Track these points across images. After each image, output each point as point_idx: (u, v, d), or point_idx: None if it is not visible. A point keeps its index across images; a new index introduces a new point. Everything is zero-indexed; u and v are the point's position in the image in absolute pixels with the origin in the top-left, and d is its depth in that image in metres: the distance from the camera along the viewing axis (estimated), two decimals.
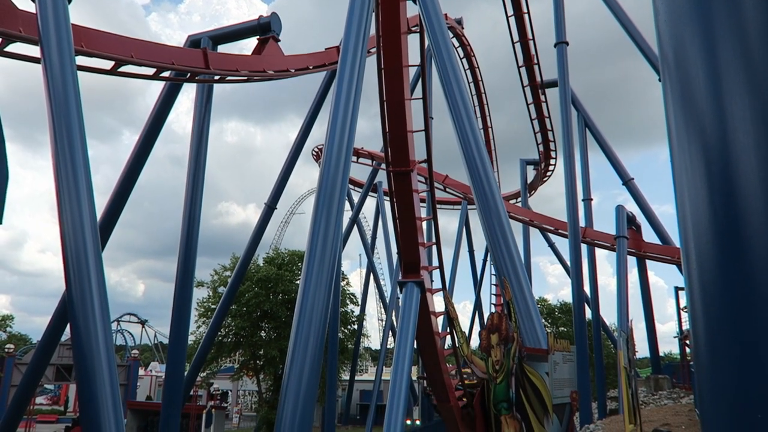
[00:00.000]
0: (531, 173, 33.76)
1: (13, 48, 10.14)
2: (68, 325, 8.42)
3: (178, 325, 14.39)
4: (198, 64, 13.23)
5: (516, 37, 26.20)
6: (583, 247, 22.97)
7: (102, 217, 13.11)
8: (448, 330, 13.47)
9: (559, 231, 26.90)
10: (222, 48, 15.17)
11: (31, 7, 8.65)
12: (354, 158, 26.87)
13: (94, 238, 7.16)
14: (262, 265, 32.04)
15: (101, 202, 15.26)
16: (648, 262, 26.03)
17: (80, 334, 6.54)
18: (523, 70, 27.07)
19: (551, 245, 33.13)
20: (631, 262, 24.67)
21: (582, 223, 22.76)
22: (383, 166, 16.32)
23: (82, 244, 7.08)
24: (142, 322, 68.29)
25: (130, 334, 66.39)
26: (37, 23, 7.92)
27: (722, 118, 1.63)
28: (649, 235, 25.20)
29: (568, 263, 22.89)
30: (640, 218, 24.97)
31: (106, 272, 7.41)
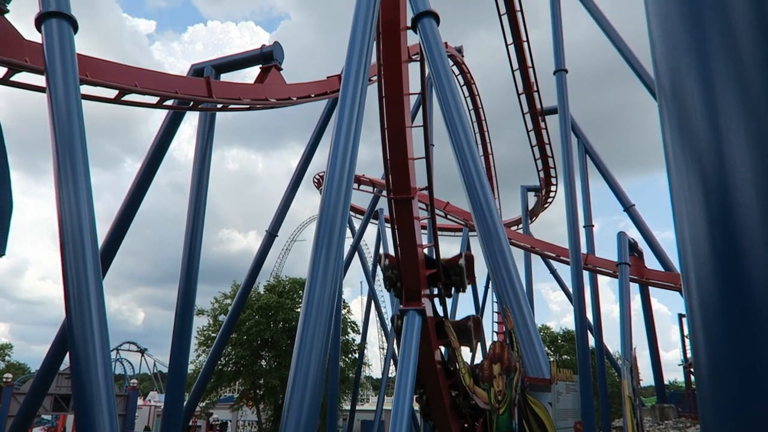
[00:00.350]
0: (532, 199, 33.81)
1: (18, 77, 10.28)
2: (67, 354, 8.36)
3: (178, 353, 14.27)
4: (201, 92, 13.38)
5: (515, 65, 26.53)
6: (585, 274, 22.87)
7: (103, 245, 13.11)
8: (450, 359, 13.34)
9: (561, 258, 26.82)
10: (225, 76, 15.35)
11: (38, 37, 8.79)
12: (355, 185, 26.97)
13: (96, 266, 7.15)
14: (262, 292, 31.91)
15: (103, 230, 15.29)
16: (651, 289, 25.89)
17: (79, 363, 6.48)
18: (523, 97, 27.34)
19: (553, 272, 32.98)
20: (634, 288, 24.56)
21: (584, 249, 22.70)
22: (384, 193, 16.37)
23: (83, 272, 7.06)
24: (142, 351, 67.77)
25: (129, 363, 65.80)
26: (43, 53, 8.04)
27: (719, 148, 1.64)
28: (651, 262, 25.13)
29: (570, 290, 22.75)
30: (642, 244, 24.92)
31: (106, 300, 7.38)
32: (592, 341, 23.57)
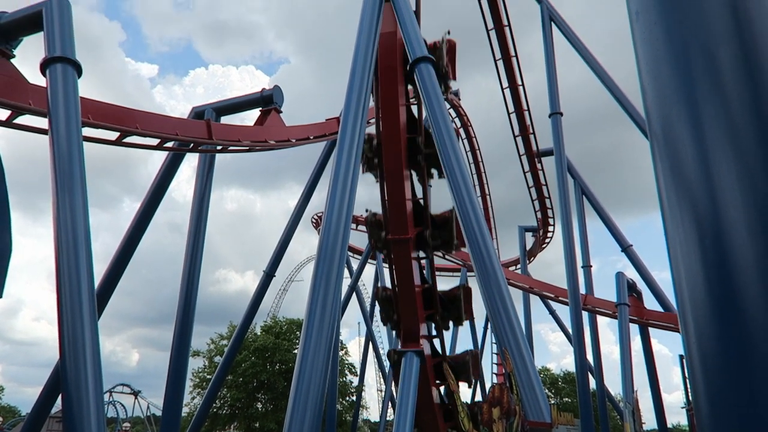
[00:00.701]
0: (530, 240, 33.85)
1: (21, 119, 10.41)
2: (60, 397, 8.21)
3: (173, 395, 14.01)
4: (201, 134, 13.55)
5: (511, 108, 26.96)
6: (585, 315, 22.71)
7: (100, 285, 13.03)
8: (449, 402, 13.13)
9: (560, 298, 26.69)
10: (225, 119, 15.57)
11: (42, 81, 8.96)
12: (353, 225, 27.03)
13: (91, 306, 7.10)
14: (259, 333, 31.56)
15: (100, 269, 15.22)
16: (651, 330, 25.66)
17: (72, 405, 6.37)
18: (519, 139, 27.70)
19: (552, 313, 32.78)
20: (634, 329, 24.35)
21: (582, 290, 22.61)
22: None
23: (79, 313, 7.02)
24: (135, 393, 66.39)
25: (122, 405, 64.39)
26: (47, 97, 8.17)
27: (712, 193, 1.67)
28: (650, 302, 24.98)
29: (570, 331, 22.56)
30: (641, 285, 24.83)
31: (100, 341, 7.31)
32: (593, 383, 23.25)
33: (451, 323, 13.64)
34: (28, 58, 10.73)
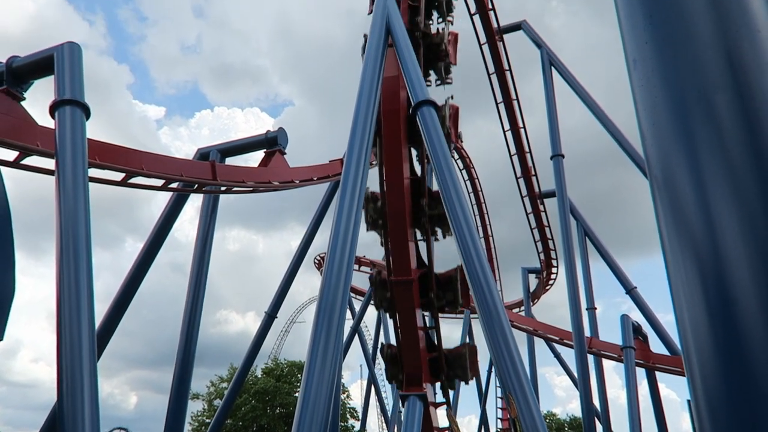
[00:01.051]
0: (533, 281, 33.64)
1: (28, 160, 10.54)
2: None
3: None
4: (206, 175, 13.68)
5: (513, 150, 27.21)
6: (590, 358, 22.37)
7: (100, 326, 12.93)
8: None
9: (565, 341, 26.33)
10: (230, 160, 15.74)
11: (50, 123, 9.11)
12: (356, 266, 26.95)
13: (91, 347, 7.04)
14: (260, 376, 31.11)
15: (100, 310, 15.10)
16: (658, 374, 25.21)
17: None
18: (521, 180, 27.86)
19: (557, 356, 32.27)
20: (640, 373, 23.91)
21: (587, 332, 22.34)
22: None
23: (78, 354, 6.95)
24: None
25: None
26: (55, 139, 8.29)
27: (714, 237, 1.68)
28: (656, 345, 24.62)
29: (576, 375, 22.18)
30: (646, 327, 24.51)
31: (99, 383, 7.21)
32: (600, 429, 22.70)
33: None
34: (37, 99, 10.94)
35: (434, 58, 13.41)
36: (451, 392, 14.36)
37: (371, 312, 36.61)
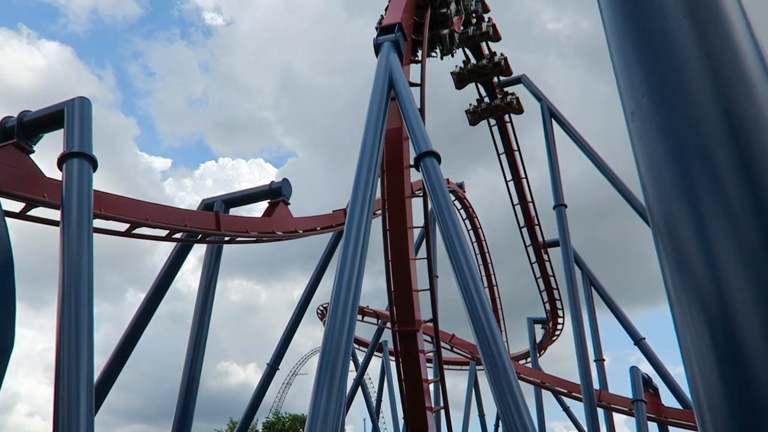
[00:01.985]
0: (539, 332, 33.18)
1: (34, 212, 10.63)
2: None
3: None
4: (210, 225, 13.74)
5: (516, 200, 27.37)
6: (600, 411, 21.80)
7: (99, 379, 12.72)
8: None
9: (573, 393, 25.74)
10: (234, 211, 15.83)
11: (57, 174, 9.23)
12: (359, 317, 26.69)
13: (89, 401, 6.91)
14: (261, 430, 30.34)
15: (99, 362, 14.89)
16: (671, 429, 24.49)
17: None
18: (524, 230, 27.88)
19: (566, 410, 31.46)
20: (653, 427, 23.25)
21: (596, 385, 21.86)
22: (389, 325, 16.16)
23: (76, 408, 6.82)
24: None
25: None
26: (62, 191, 8.38)
27: (719, 287, 1.67)
28: (667, 398, 24.03)
29: (586, 429, 21.56)
30: (656, 379, 24.00)
31: None
32: None
33: None
34: (45, 152, 11.12)
35: (439, 25, 13.48)
36: None
37: (375, 364, 36.02)
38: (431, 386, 13.66)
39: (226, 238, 14.71)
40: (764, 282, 1.62)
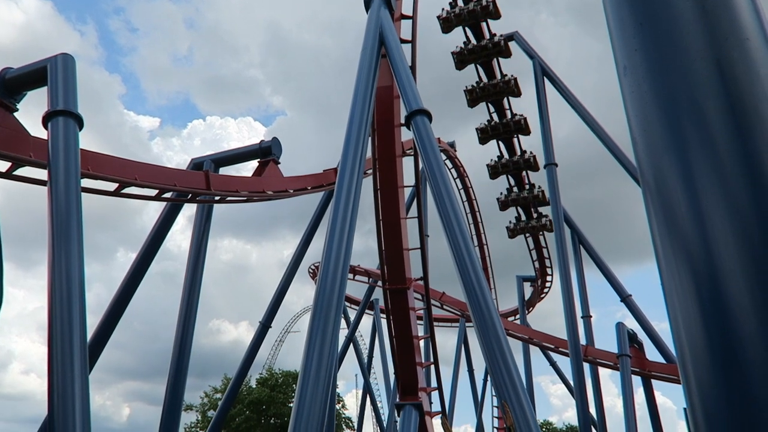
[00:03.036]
0: (528, 290, 33.65)
1: (21, 171, 10.50)
2: None
3: None
4: (200, 185, 13.65)
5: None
6: (586, 366, 22.35)
7: (92, 338, 12.83)
8: None
9: (560, 349, 26.33)
10: (223, 170, 15.71)
11: (43, 133, 9.08)
12: (350, 276, 26.92)
13: (83, 359, 6.98)
14: (254, 386, 30.91)
15: (92, 322, 14.97)
16: (654, 382, 25.21)
17: None
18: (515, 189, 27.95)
19: (553, 364, 32.23)
20: (636, 381, 23.91)
21: (583, 340, 22.34)
22: (380, 283, 16.33)
23: (70, 366, 6.89)
24: None
25: None
26: (48, 149, 8.26)
27: (706, 242, 1.68)
28: (652, 353, 24.64)
29: (572, 383, 22.15)
30: (642, 335, 24.55)
31: (90, 395, 7.14)
32: None
33: None
34: (29, 111, 10.91)
35: None
36: (446, 400, 14.31)
37: (366, 321, 36.53)
38: (421, 342, 13.88)
39: (217, 198, 14.64)
40: (750, 237, 1.63)
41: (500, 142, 26.91)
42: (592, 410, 22.08)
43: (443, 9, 23.59)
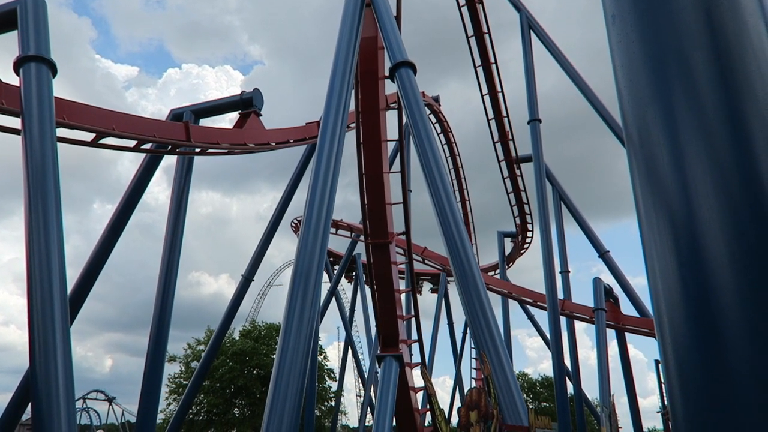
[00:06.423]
0: (509, 245, 34.05)
1: None
2: (29, 404, 8.02)
3: (147, 402, 13.78)
4: (180, 136, 13.39)
5: (491, 114, 27.12)
6: (563, 320, 22.89)
7: (72, 290, 12.78)
8: (428, 406, 13.12)
9: (538, 303, 26.86)
10: (204, 122, 15.41)
11: (15, 80, 8.78)
12: (332, 230, 26.95)
13: (63, 311, 6.96)
14: (237, 338, 31.26)
15: (71, 274, 14.90)
16: (627, 335, 25.98)
17: (42, 413, 6.22)
18: (498, 145, 27.89)
19: (530, 318, 32.97)
20: (611, 334, 24.61)
21: (560, 295, 22.81)
22: (362, 237, 16.39)
23: (50, 318, 6.87)
24: (110, 400, 65.31)
25: (96, 412, 63.25)
26: (20, 96, 8.01)
27: (686, 194, 1.69)
28: (627, 308, 25.30)
29: (548, 336, 22.73)
30: (618, 290, 25.13)
31: (72, 346, 7.16)
32: (570, 388, 23.44)
33: None
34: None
35: None
36: (426, 352, 14.62)
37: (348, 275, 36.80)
38: (403, 296, 14.06)
39: (197, 150, 14.40)
40: (731, 191, 1.64)
41: (484, 98, 26.67)
42: (567, 362, 22.76)
43: None
